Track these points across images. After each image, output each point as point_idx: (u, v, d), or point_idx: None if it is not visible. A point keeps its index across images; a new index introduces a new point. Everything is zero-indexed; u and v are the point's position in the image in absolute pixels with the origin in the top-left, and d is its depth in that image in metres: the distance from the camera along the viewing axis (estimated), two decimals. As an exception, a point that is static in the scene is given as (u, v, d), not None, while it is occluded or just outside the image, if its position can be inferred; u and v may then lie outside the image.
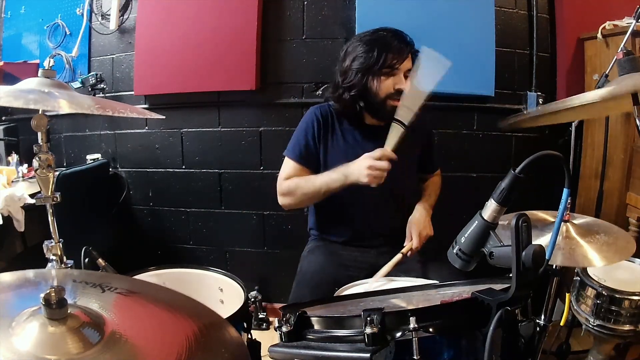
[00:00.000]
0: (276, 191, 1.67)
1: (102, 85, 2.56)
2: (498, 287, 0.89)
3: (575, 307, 1.55)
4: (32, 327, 0.57)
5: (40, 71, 1.11)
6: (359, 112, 1.64)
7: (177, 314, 0.71)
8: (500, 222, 0.91)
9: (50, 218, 1.13)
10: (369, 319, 0.77)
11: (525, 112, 2.36)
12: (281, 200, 1.66)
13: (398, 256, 1.55)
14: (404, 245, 1.61)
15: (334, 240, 1.73)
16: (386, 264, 1.52)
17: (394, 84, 1.55)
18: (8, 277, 0.72)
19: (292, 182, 1.62)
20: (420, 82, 1.51)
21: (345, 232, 1.71)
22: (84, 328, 0.59)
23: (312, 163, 1.66)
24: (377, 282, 1.45)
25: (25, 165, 2.36)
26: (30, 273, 0.75)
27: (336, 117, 1.69)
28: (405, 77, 1.57)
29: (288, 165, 1.67)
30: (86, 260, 1.27)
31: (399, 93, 1.55)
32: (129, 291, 0.75)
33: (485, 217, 0.89)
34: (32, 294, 0.63)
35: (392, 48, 1.55)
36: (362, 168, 1.45)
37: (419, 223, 1.65)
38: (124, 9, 2.51)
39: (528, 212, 0.81)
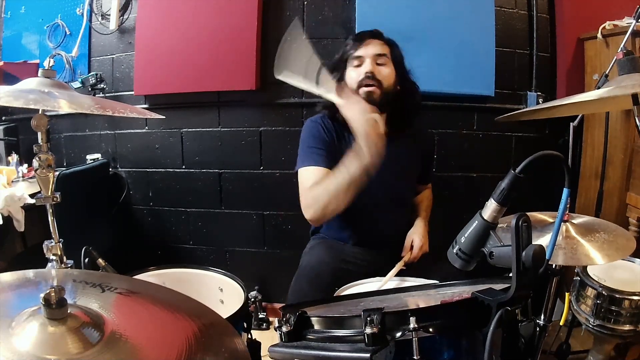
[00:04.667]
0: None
1: (102, 85, 2.56)
2: (498, 287, 0.89)
3: (575, 307, 1.55)
4: (32, 327, 0.57)
5: (40, 71, 1.11)
6: None
7: (177, 314, 0.71)
8: (500, 225, 0.91)
9: (50, 218, 1.13)
10: (369, 319, 0.77)
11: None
12: (308, 214, 1.46)
13: (399, 265, 1.54)
14: (402, 255, 1.62)
15: (337, 240, 1.73)
16: (388, 274, 1.49)
17: (363, 70, 1.57)
18: (8, 277, 0.72)
19: (314, 188, 1.45)
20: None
21: (348, 235, 1.71)
22: (84, 328, 0.59)
23: (333, 164, 1.45)
24: (378, 283, 1.45)
25: (25, 165, 2.36)
26: (30, 273, 0.75)
27: (333, 126, 1.67)
28: (378, 64, 1.58)
29: (309, 173, 1.52)
30: (86, 260, 1.27)
31: (368, 77, 1.55)
32: (129, 291, 0.75)
33: (485, 217, 0.89)
34: (32, 294, 0.63)
35: (350, 40, 1.64)
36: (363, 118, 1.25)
37: (419, 236, 1.66)
38: (124, 9, 2.51)
39: (527, 213, 0.81)
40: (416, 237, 1.65)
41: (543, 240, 1.18)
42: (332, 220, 1.72)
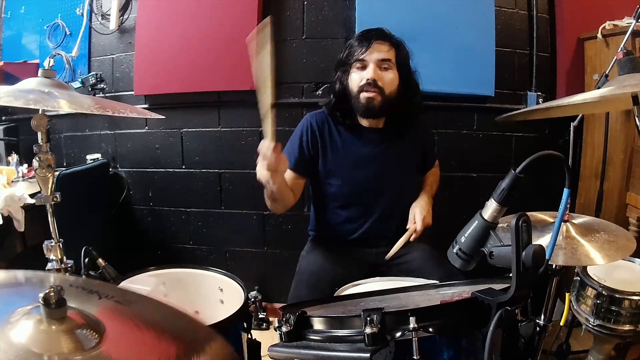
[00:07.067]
0: None
1: (102, 85, 2.56)
2: (498, 287, 0.89)
3: (575, 307, 1.55)
4: (27, 326, 0.57)
5: (40, 71, 1.11)
6: (348, 111, 1.64)
7: (161, 335, 0.66)
8: (500, 225, 0.91)
9: (50, 218, 1.13)
10: (369, 319, 0.77)
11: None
12: (268, 204, 1.57)
13: (404, 237, 1.59)
14: (407, 227, 1.64)
15: (334, 241, 1.73)
16: (394, 246, 1.57)
17: (366, 76, 1.56)
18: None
19: None
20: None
21: (346, 234, 1.71)
22: (78, 330, 0.58)
23: (306, 170, 1.66)
24: (378, 283, 1.45)
25: (25, 165, 2.36)
26: (20, 277, 0.73)
27: (332, 123, 1.68)
28: (381, 67, 1.56)
29: None
30: (86, 260, 1.27)
31: (369, 84, 1.55)
32: (116, 302, 0.71)
33: (486, 217, 0.89)
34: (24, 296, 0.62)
35: (357, 40, 1.60)
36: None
37: (422, 209, 1.67)
38: (124, 9, 2.51)
39: (527, 213, 0.81)
40: (417, 210, 1.65)
41: (543, 240, 1.18)
42: (330, 218, 1.73)
